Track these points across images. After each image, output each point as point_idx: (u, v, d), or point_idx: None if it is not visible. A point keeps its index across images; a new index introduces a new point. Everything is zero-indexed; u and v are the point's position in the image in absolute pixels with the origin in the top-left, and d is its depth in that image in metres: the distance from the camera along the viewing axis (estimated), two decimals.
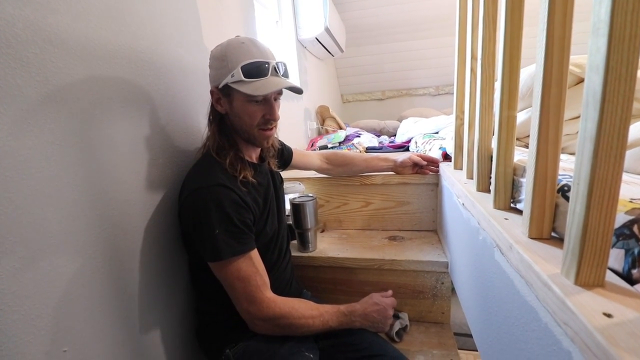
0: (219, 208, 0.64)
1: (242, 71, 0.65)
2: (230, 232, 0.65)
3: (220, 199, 0.65)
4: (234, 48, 0.67)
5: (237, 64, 0.65)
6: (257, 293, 0.67)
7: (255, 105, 0.69)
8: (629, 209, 0.35)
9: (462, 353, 1.39)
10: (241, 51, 0.67)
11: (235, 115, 0.71)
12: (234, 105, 0.69)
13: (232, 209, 0.65)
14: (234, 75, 0.65)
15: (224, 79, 0.67)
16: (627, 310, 0.28)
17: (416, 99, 3.36)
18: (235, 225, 0.65)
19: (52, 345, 0.48)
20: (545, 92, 0.38)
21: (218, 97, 0.71)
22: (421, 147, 1.39)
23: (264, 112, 0.71)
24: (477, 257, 0.61)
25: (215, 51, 0.70)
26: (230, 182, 0.68)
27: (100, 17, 0.57)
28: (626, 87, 0.27)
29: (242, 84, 0.65)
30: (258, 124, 0.71)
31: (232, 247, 0.65)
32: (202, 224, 0.65)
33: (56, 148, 0.49)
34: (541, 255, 0.38)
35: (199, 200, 0.65)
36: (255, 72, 0.66)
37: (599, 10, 0.27)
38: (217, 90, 0.70)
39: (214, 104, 0.72)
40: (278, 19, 2.00)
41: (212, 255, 0.65)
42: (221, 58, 0.67)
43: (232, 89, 0.67)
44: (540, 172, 0.40)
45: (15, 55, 0.43)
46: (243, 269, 0.66)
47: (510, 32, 0.48)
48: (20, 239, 0.44)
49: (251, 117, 0.70)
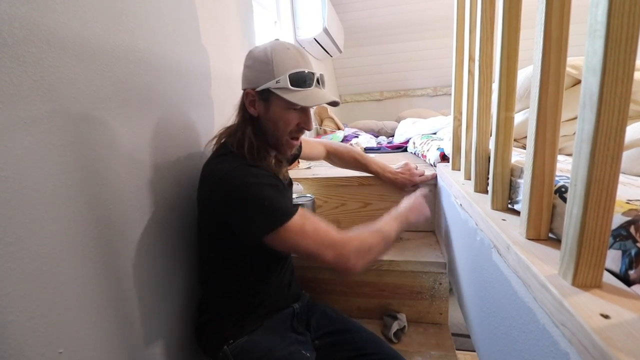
0: (258, 181, 0.64)
1: (289, 79, 0.65)
2: (278, 197, 0.64)
3: (254, 173, 0.65)
4: (281, 53, 0.66)
5: (284, 71, 0.65)
6: (330, 235, 0.65)
7: (294, 112, 0.69)
8: (625, 210, 0.35)
9: (460, 354, 1.39)
10: (288, 57, 0.66)
11: (269, 120, 0.70)
12: (271, 110, 0.69)
13: (270, 180, 0.66)
14: (279, 82, 0.65)
15: (266, 83, 0.66)
16: (624, 311, 0.29)
17: (414, 99, 3.37)
18: (279, 190, 0.65)
19: (47, 347, 0.47)
20: (542, 93, 0.38)
21: (253, 99, 0.70)
22: (419, 147, 1.39)
23: (300, 121, 0.70)
24: (475, 258, 0.62)
25: (257, 53, 0.69)
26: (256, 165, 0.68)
27: (97, 16, 0.56)
28: (623, 89, 0.27)
29: (287, 92, 0.65)
30: (291, 131, 0.71)
31: (288, 207, 0.64)
32: (245, 201, 0.62)
33: (53, 148, 0.48)
34: (538, 256, 0.38)
35: (232, 181, 0.63)
36: (302, 82, 0.66)
37: (596, 12, 0.27)
38: (254, 92, 0.69)
39: (247, 105, 0.70)
40: (276, 19, 2.00)
41: (269, 224, 0.62)
42: (265, 61, 0.66)
43: (272, 94, 0.66)
44: (537, 173, 0.41)
45: (12, 54, 0.43)
46: (308, 222, 0.64)
47: (508, 33, 0.48)
48: (16, 240, 0.43)
49: (287, 124, 0.69)
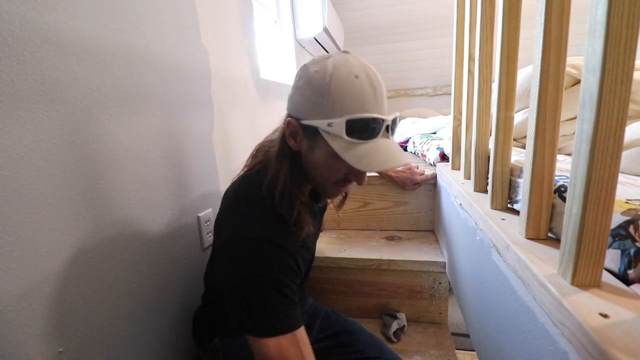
0: (265, 273, 0.51)
1: (346, 127, 0.48)
2: (275, 304, 0.51)
3: (270, 262, 0.52)
4: (344, 83, 0.49)
5: (342, 113, 0.48)
6: None
7: (343, 162, 0.51)
8: (625, 210, 0.35)
9: (460, 353, 1.39)
10: (352, 93, 0.48)
11: (312, 162, 0.55)
12: (315, 153, 0.54)
13: (283, 276, 0.52)
14: (332, 125, 0.49)
15: (316, 118, 0.50)
16: (623, 311, 0.29)
17: (414, 99, 3.37)
18: (283, 294, 0.52)
19: (47, 346, 0.47)
20: (542, 93, 0.38)
21: (296, 131, 0.54)
22: (419, 147, 1.39)
23: (350, 172, 0.55)
24: (475, 257, 0.62)
25: (313, 74, 0.51)
26: (283, 237, 0.54)
27: (97, 16, 0.56)
28: (622, 89, 0.27)
29: (339, 142, 0.49)
30: (337, 180, 0.56)
31: (275, 322, 0.51)
32: (236, 287, 0.52)
33: (53, 147, 0.48)
34: (538, 256, 0.39)
35: (240, 257, 0.52)
36: (363, 131, 0.49)
37: (596, 12, 0.27)
38: (298, 124, 0.53)
39: (287, 136, 0.55)
40: (276, 18, 2.00)
41: (242, 327, 0.52)
42: (320, 91, 0.49)
43: (319, 136, 0.51)
44: (537, 173, 0.41)
45: (12, 53, 0.43)
46: (284, 349, 0.50)
47: (508, 33, 0.48)
48: (16, 239, 0.43)
49: (332, 173, 0.55)
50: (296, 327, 0.52)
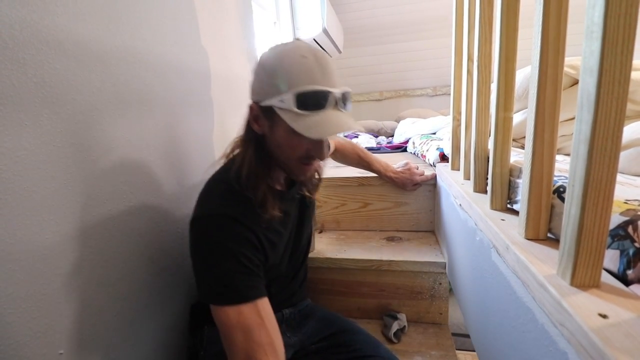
0: (222, 244, 0.54)
1: (295, 100, 0.51)
2: (234, 273, 0.54)
3: (226, 233, 0.55)
4: (292, 62, 0.52)
5: (290, 87, 0.52)
6: (258, 355, 0.51)
7: (302, 137, 0.54)
8: (623, 210, 0.35)
9: (460, 354, 1.39)
10: (300, 70, 0.52)
11: (274, 142, 0.58)
12: (275, 131, 0.57)
13: (239, 246, 0.55)
14: (283, 101, 0.52)
15: (270, 98, 0.54)
16: (622, 311, 0.29)
17: (414, 99, 3.37)
18: (242, 265, 0.54)
19: (48, 348, 0.47)
20: (540, 93, 0.38)
21: (257, 114, 0.58)
22: (419, 147, 1.39)
23: (309, 148, 0.57)
24: (475, 258, 0.62)
25: (265, 58, 0.56)
26: (243, 214, 0.57)
27: (97, 18, 0.57)
28: (620, 89, 0.27)
29: (291, 115, 0.52)
30: (300, 157, 0.59)
31: (235, 291, 0.53)
32: (199, 259, 0.56)
33: (53, 149, 0.48)
34: (537, 256, 0.39)
35: (200, 231, 0.56)
36: (311, 104, 0.52)
37: (593, 14, 0.27)
38: (257, 107, 0.57)
39: (250, 121, 0.60)
40: (276, 19, 2.01)
41: (207, 297, 0.54)
42: (271, 72, 0.54)
43: (276, 114, 0.54)
44: (536, 173, 0.41)
45: (12, 56, 0.43)
46: (245, 317, 0.52)
47: (506, 33, 0.48)
48: (16, 241, 0.43)
49: (293, 150, 0.57)
50: (257, 297, 0.54)
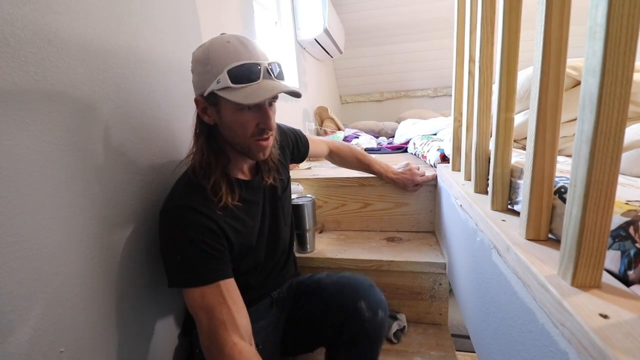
0: (182, 233, 0.58)
1: (228, 76, 0.56)
2: (195, 258, 0.58)
3: (185, 223, 0.59)
4: (218, 49, 0.57)
5: (222, 68, 0.56)
6: (220, 331, 0.55)
7: (248, 113, 0.60)
8: (625, 211, 0.35)
9: (460, 354, 1.39)
10: (227, 52, 0.57)
11: (225, 126, 0.62)
12: (223, 115, 0.60)
13: (198, 234, 0.58)
14: (219, 82, 0.56)
15: (209, 85, 0.57)
16: (622, 311, 0.29)
17: (414, 100, 3.37)
18: (202, 250, 0.58)
19: (49, 346, 0.47)
20: (542, 94, 0.38)
21: (204, 106, 0.61)
22: (419, 148, 1.39)
23: (258, 121, 0.61)
24: (475, 259, 0.62)
25: (197, 53, 0.60)
26: (204, 204, 0.61)
27: (99, 17, 0.57)
28: (622, 90, 0.27)
29: (229, 91, 0.56)
30: (252, 134, 0.62)
31: (197, 274, 0.58)
32: (164, 247, 0.61)
33: (54, 147, 0.49)
34: (538, 257, 0.39)
35: (164, 223, 0.61)
36: (244, 77, 0.56)
37: (595, 14, 0.27)
38: (202, 98, 0.61)
39: (200, 114, 0.63)
40: (277, 19, 2.01)
41: (173, 282, 0.60)
42: (204, 61, 0.58)
43: (219, 97, 0.58)
44: (537, 174, 0.41)
45: (14, 54, 0.43)
46: (207, 298, 0.57)
47: (508, 34, 0.48)
48: (17, 239, 0.43)
49: (243, 127, 0.61)
50: (219, 279, 0.59)
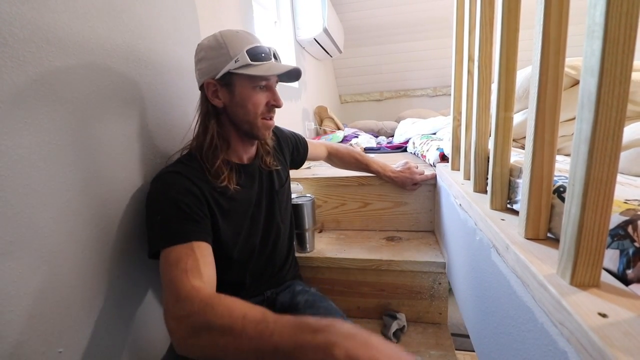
0: (164, 193, 0.60)
1: (248, 55, 0.63)
2: (173, 218, 0.58)
3: (169, 184, 0.61)
4: (232, 36, 0.65)
5: (241, 49, 0.63)
6: (181, 278, 0.50)
7: (260, 92, 0.67)
8: (623, 210, 0.35)
9: (460, 354, 1.39)
10: (240, 37, 0.65)
11: (237, 105, 0.67)
12: (237, 93, 0.66)
13: (179, 194, 0.60)
14: (238, 60, 0.63)
15: (225, 66, 0.63)
16: (621, 310, 0.29)
17: (414, 99, 3.37)
18: (181, 210, 0.58)
19: (47, 346, 0.47)
20: (541, 93, 0.38)
21: (215, 88, 0.66)
22: (419, 147, 1.39)
23: (268, 99, 0.68)
24: (474, 258, 0.62)
25: (207, 42, 0.66)
26: (190, 172, 0.64)
27: (97, 16, 0.57)
28: (621, 89, 0.27)
29: (249, 68, 0.63)
30: (262, 112, 0.68)
31: (173, 233, 0.56)
32: (148, 211, 0.62)
33: (53, 147, 0.48)
34: (537, 256, 0.39)
35: (150, 190, 0.62)
36: (260, 56, 0.64)
37: (594, 13, 0.27)
38: (214, 81, 0.65)
39: (210, 98, 0.67)
40: (277, 19, 2.01)
41: (152, 246, 0.57)
42: (218, 46, 0.64)
43: (235, 76, 0.64)
44: (536, 173, 0.41)
45: (12, 53, 0.43)
46: (177, 253, 0.54)
47: (507, 34, 0.48)
48: (16, 239, 0.43)
49: (255, 105, 0.67)
50: (194, 239, 0.57)
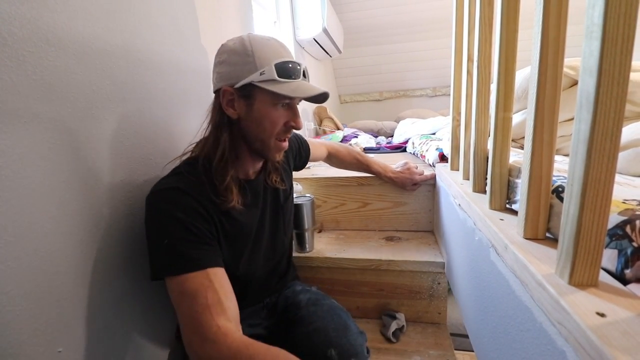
0: (170, 214, 0.54)
1: (276, 69, 0.57)
2: (183, 242, 0.54)
3: (174, 203, 0.55)
4: (261, 44, 0.59)
5: (269, 61, 0.57)
6: (203, 316, 0.49)
7: (280, 110, 0.61)
8: (622, 210, 0.35)
9: (459, 354, 1.39)
10: (271, 48, 0.59)
11: (253, 120, 0.61)
12: (255, 108, 0.60)
13: (187, 215, 0.55)
14: (264, 73, 0.57)
15: (248, 76, 0.57)
16: (619, 310, 0.29)
17: (413, 100, 3.38)
18: (191, 232, 0.55)
19: (47, 346, 0.47)
20: (540, 94, 0.38)
21: (232, 98, 0.60)
22: (418, 147, 1.39)
23: (288, 119, 0.62)
24: (473, 258, 0.62)
25: (233, 45, 0.60)
26: (191, 188, 0.58)
27: (97, 16, 0.56)
28: (619, 90, 0.27)
29: (274, 84, 0.57)
30: (278, 132, 0.62)
31: (183, 259, 0.53)
32: (151, 232, 0.57)
33: (52, 147, 0.48)
34: (536, 256, 0.39)
35: (150, 206, 0.57)
36: (289, 73, 0.58)
37: (592, 14, 0.27)
38: (233, 89, 0.59)
39: (224, 107, 0.60)
40: (276, 19, 2.01)
41: (159, 271, 0.54)
42: (244, 53, 0.58)
43: (256, 89, 0.58)
44: (535, 173, 0.41)
45: (12, 53, 0.43)
46: (192, 282, 0.52)
47: (506, 34, 0.48)
48: (15, 239, 0.43)
49: (273, 123, 0.61)
50: (207, 266, 0.54)
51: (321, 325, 0.67)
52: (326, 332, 0.65)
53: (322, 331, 0.66)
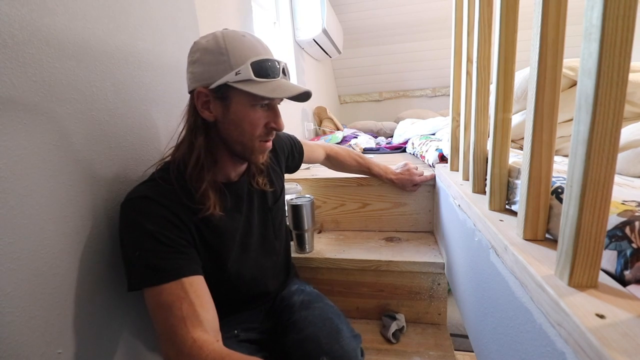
0: (139, 225, 0.53)
1: (252, 69, 0.53)
2: (154, 253, 0.52)
3: (145, 215, 0.53)
4: (236, 41, 0.55)
5: (244, 60, 0.54)
6: (178, 329, 0.49)
7: (259, 111, 0.58)
8: (621, 211, 0.35)
9: (459, 354, 1.39)
10: (245, 45, 0.55)
11: (231, 123, 0.57)
12: (232, 110, 0.56)
13: (156, 226, 0.53)
14: (239, 73, 0.53)
15: (223, 76, 0.54)
16: (619, 311, 0.29)
17: (413, 100, 3.38)
18: (161, 243, 0.53)
19: (46, 347, 0.47)
20: (539, 94, 0.38)
21: (207, 99, 0.57)
22: (418, 148, 1.39)
23: (268, 120, 0.59)
24: (473, 258, 0.62)
25: (206, 43, 0.56)
26: (163, 195, 0.56)
27: (97, 18, 0.57)
28: (618, 91, 0.27)
29: (251, 84, 0.54)
30: (259, 134, 0.59)
31: (155, 270, 0.51)
32: (123, 242, 0.55)
33: (52, 148, 0.48)
34: (535, 257, 0.39)
35: (122, 215, 0.55)
36: (267, 72, 0.55)
37: (591, 16, 0.27)
38: (207, 91, 0.56)
39: (200, 110, 0.57)
40: (276, 20, 2.01)
41: (134, 282, 0.53)
42: (218, 51, 0.54)
43: (232, 90, 0.55)
44: (534, 174, 0.41)
45: (12, 55, 0.43)
46: (167, 294, 0.50)
47: (505, 35, 0.48)
48: (15, 240, 0.43)
49: (252, 125, 0.58)
50: (182, 275, 0.53)
51: (312, 332, 0.67)
52: (317, 339, 0.65)
53: (314, 339, 0.65)
